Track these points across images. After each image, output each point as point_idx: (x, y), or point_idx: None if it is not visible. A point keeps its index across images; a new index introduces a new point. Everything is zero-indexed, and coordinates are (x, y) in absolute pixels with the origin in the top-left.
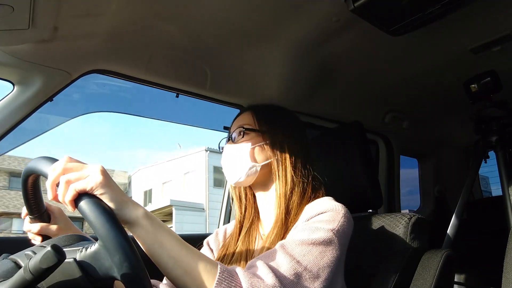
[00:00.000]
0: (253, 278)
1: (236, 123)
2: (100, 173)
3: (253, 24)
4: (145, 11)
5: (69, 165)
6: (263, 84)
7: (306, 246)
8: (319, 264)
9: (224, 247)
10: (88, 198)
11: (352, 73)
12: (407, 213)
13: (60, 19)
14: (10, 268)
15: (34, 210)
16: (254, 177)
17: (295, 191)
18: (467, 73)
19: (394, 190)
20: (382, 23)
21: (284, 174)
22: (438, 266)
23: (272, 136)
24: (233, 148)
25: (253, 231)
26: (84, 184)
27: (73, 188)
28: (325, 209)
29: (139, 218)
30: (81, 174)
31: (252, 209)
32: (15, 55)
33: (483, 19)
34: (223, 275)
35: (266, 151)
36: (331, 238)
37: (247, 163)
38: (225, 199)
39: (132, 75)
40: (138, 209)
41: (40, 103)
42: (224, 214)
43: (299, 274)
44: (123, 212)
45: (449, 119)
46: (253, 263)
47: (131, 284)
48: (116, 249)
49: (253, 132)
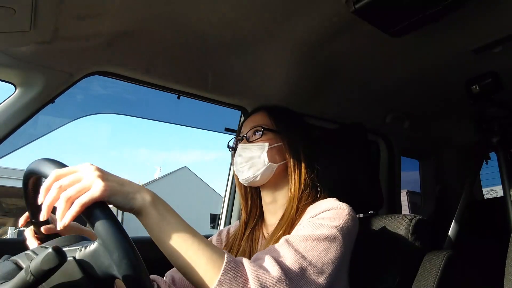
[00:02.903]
0: (259, 269)
1: (249, 123)
2: (98, 178)
3: (254, 25)
4: (146, 13)
5: (64, 182)
6: (264, 85)
7: (311, 241)
8: (324, 260)
9: (227, 246)
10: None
11: (353, 74)
12: (408, 214)
13: (61, 21)
14: (11, 269)
15: (35, 213)
16: (269, 176)
17: (306, 192)
18: (468, 73)
19: (395, 191)
20: (383, 24)
21: (299, 175)
22: (440, 267)
23: (289, 137)
24: (249, 147)
25: (257, 231)
26: (89, 196)
27: (79, 204)
28: (330, 207)
29: (146, 207)
30: (83, 186)
31: (257, 209)
32: (16, 57)
33: (484, 20)
34: (229, 265)
35: (282, 151)
36: (335, 235)
37: (264, 162)
38: (225, 202)
39: (133, 76)
40: (145, 198)
41: (41, 105)
42: (225, 216)
43: (304, 268)
44: (128, 205)
45: (450, 120)
46: (259, 256)
47: (130, 281)
48: (115, 247)
49: (270, 132)
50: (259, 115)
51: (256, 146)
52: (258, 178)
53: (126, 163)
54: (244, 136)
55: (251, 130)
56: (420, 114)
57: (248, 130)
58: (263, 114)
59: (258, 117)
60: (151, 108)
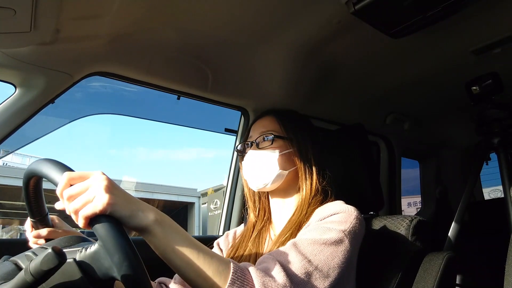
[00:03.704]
0: (265, 277)
1: (258, 127)
2: (104, 190)
3: (254, 26)
4: (147, 13)
5: (72, 191)
6: (264, 86)
7: (318, 245)
8: (330, 264)
9: (234, 248)
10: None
11: (354, 75)
12: (408, 215)
13: (61, 21)
14: (11, 270)
15: (36, 213)
16: (279, 183)
17: (316, 197)
18: (469, 74)
19: (395, 192)
20: (383, 26)
21: (310, 182)
22: (440, 269)
23: (299, 144)
24: (260, 154)
25: (264, 233)
26: (92, 209)
27: (82, 216)
28: (338, 211)
29: (150, 225)
30: (87, 198)
31: (265, 212)
32: (17, 58)
33: (484, 21)
34: (235, 275)
35: (293, 158)
36: (342, 239)
37: (275, 169)
38: (225, 205)
39: (134, 77)
40: (148, 216)
41: (42, 106)
42: (225, 220)
43: (309, 273)
44: (132, 222)
45: (451, 121)
46: (265, 259)
47: (130, 284)
48: (115, 249)
49: (280, 139)
50: (268, 120)
51: (266, 154)
52: (269, 186)
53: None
54: (253, 142)
55: (261, 135)
56: (420, 115)
57: (258, 136)
58: (272, 118)
59: (267, 121)
60: (152, 108)
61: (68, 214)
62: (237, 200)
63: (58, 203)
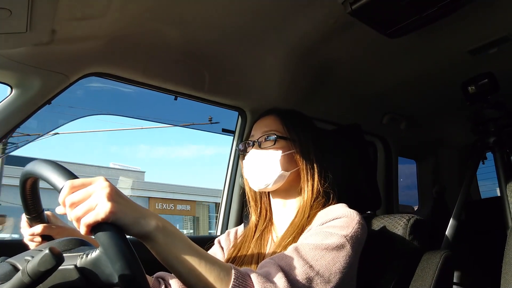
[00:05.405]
0: (266, 283)
1: (260, 127)
2: (107, 198)
3: (250, 26)
4: (143, 14)
5: (74, 198)
6: (261, 86)
7: (320, 251)
8: (331, 269)
9: (235, 248)
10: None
11: (350, 75)
12: (405, 215)
13: (57, 22)
14: (8, 271)
15: (31, 210)
16: (280, 183)
17: (318, 199)
18: (465, 74)
19: (392, 191)
20: (379, 25)
21: (312, 184)
22: (437, 267)
23: (302, 144)
24: (262, 154)
25: (266, 234)
26: (94, 217)
27: (84, 224)
28: (340, 215)
29: (152, 232)
30: (89, 206)
31: (267, 212)
32: (13, 59)
33: (480, 21)
34: (237, 281)
35: (295, 159)
36: (344, 244)
37: (277, 170)
38: (222, 205)
39: (130, 77)
40: (150, 223)
41: (38, 106)
42: (222, 220)
43: (310, 278)
44: (134, 230)
45: (447, 121)
46: (266, 264)
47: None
48: (117, 257)
49: (283, 139)
50: (270, 119)
51: (268, 154)
52: (270, 186)
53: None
54: (255, 141)
55: (263, 135)
56: (416, 115)
57: (260, 136)
58: (274, 118)
59: (269, 121)
60: (149, 109)
61: (70, 220)
62: (235, 200)
63: (59, 208)
